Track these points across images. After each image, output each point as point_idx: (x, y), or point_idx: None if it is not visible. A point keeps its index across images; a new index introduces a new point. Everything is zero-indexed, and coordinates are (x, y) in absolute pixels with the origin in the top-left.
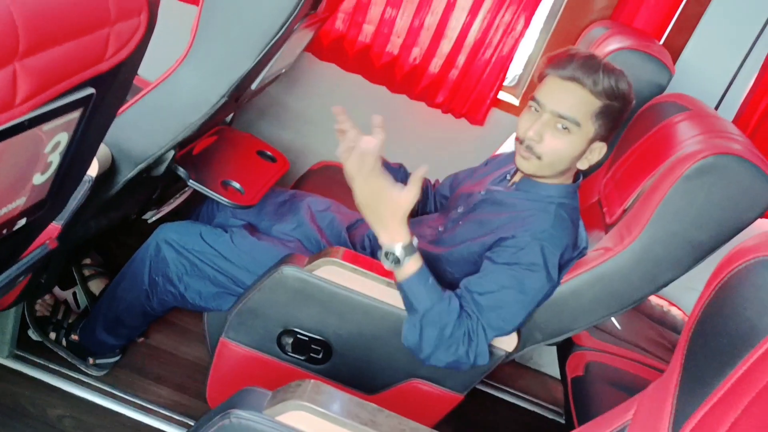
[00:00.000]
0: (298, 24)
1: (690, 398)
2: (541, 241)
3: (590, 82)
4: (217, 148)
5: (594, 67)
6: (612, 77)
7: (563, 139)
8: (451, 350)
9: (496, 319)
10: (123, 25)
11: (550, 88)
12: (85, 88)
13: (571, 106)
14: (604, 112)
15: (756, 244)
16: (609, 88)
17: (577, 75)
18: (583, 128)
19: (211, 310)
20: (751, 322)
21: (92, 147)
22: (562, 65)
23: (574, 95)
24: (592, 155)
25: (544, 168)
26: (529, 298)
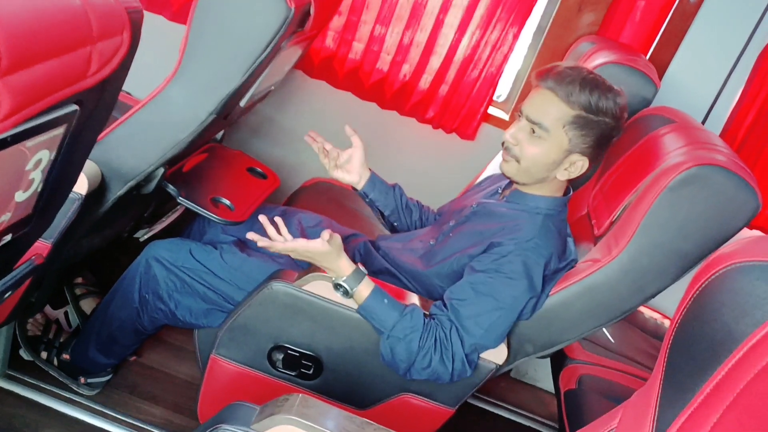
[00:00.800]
0: (286, 41)
1: (671, 404)
2: (525, 251)
3: (563, 92)
4: (208, 165)
5: (570, 78)
6: (594, 91)
7: (536, 145)
8: (425, 361)
9: (474, 327)
10: (105, 43)
11: (531, 98)
12: (69, 105)
13: (542, 113)
14: (578, 122)
15: (733, 251)
16: (585, 101)
17: (551, 85)
18: (553, 135)
19: (202, 327)
20: (728, 328)
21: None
22: (544, 76)
23: (547, 102)
24: (573, 168)
25: (522, 173)
26: (507, 307)
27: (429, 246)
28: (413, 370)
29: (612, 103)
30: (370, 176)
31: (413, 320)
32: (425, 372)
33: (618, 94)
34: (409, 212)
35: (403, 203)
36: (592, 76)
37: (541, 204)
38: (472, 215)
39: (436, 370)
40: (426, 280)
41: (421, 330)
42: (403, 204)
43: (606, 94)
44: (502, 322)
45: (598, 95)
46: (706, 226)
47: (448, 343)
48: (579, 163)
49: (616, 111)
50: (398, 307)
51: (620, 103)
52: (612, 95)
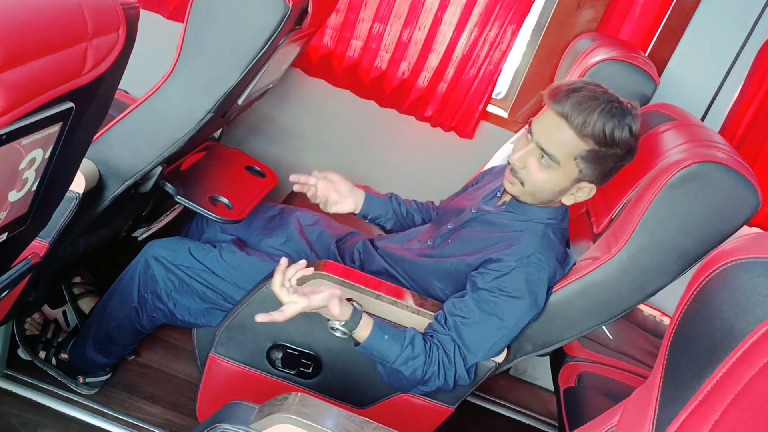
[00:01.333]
0: (283, 39)
1: (671, 402)
2: (527, 267)
3: (578, 123)
4: (206, 164)
5: (588, 108)
6: (610, 122)
7: (544, 173)
8: (429, 384)
9: (478, 349)
10: (101, 40)
11: (542, 120)
12: (64, 103)
13: (554, 144)
14: (591, 156)
15: (733, 248)
16: (600, 134)
17: (570, 113)
18: (564, 167)
19: (201, 326)
20: (729, 325)
21: (74, 162)
22: (558, 99)
23: (560, 133)
24: (580, 193)
25: (526, 194)
26: (510, 326)
27: (426, 247)
28: (415, 390)
29: (627, 133)
30: (365, 197)
31: (415, 350)
32: (428, 390)
33: (634, 117)
34: (411, 218)
35: (402, 212)
36: (609, 105)
37: (542, 215)
38: (471, 221)
39: (440, 387)
40: (424, 280)
41: (424, 359)
42: (403, 213)
43: (621, 124)
44: (505, 340)
45: (613, 127)
46: (706, 223)
47: (451, 365)
48: (586, 190)
49: (631, 141)
50: (399, 339)
51: (635, 130)
52: (628, 121)
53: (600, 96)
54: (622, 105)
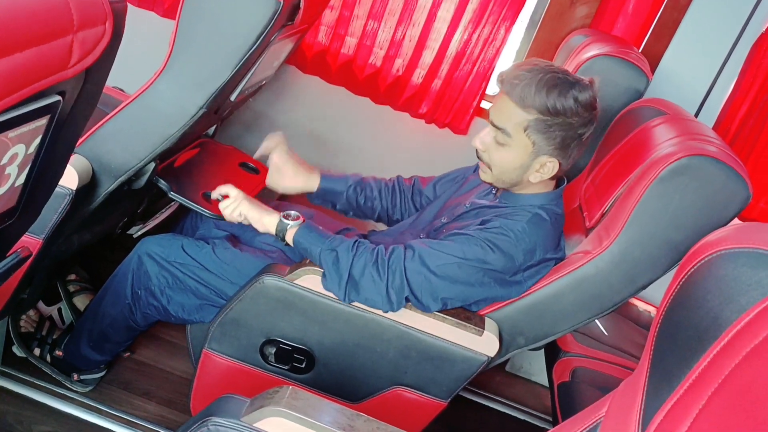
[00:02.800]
0: (275, 35)
1: (658, 392)
2: (510, 230)
3: (516, 96)
4: (199, 160)
5: (526, 80)
6: (551, 93)
7: (501, 150)
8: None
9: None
10: (87, 33)
11: (494, 101)
12: (51, 96)
13: (502, 118)
14: (538, 126)
15: (719, 238)
16: (540, 104)
17: (507, 89)
18: (516, 140)
19: (195, 322)
20: (714, 314)
21: (63, 156)
22: (501, 79)
23: (505, 107)
24: (544, 170)
25: (497, 179)
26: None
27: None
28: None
29: (572, 101)
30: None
31: (346, 239)
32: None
33: (583, 88)
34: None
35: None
36: (548, 76)
37: (534, 201)
38: (465, 214)
39: (371, 277)
40: None
41: (355, 241)
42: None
43: (565, 94)
44: (456, 270)
45: (555, 96)
46: (697, 216)
47: (387, 256)
48: (549, 165)
49: (579, 109)
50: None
51: (583, 99)
52: (574, 92)
53: (540, 69)
54: (568, 76)
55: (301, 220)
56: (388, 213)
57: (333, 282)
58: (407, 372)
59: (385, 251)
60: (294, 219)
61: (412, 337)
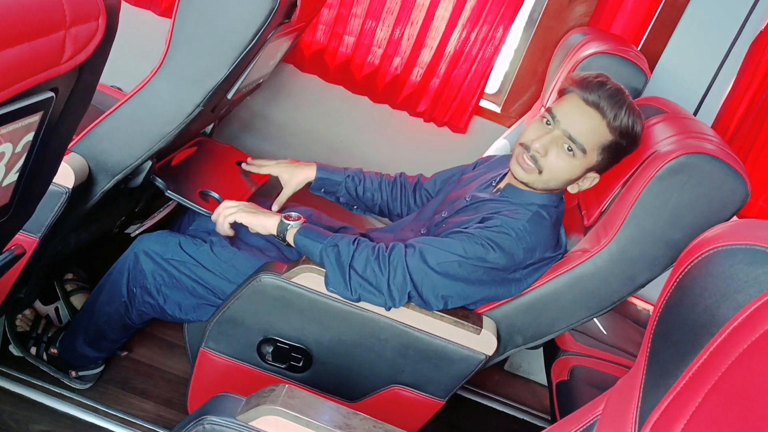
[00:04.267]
0: (272, 33)
1: (654, 389)
2: (510, 229)
3: (611, 115)
4: (197, 159)
5: (620, 102)
6: (632, 117)
7: (566, 161)
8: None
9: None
10: (80, 28)
11: (569, 107)
12: (44, 92)
13: (585, 133)
14: (612, 147)
15: (715, 235)
16: (626, 127)
17: (602, 104)
18: (588, 157)
19: (192, 321)
20: (710, 311)
21: (57, 153)
22: (590, 89)
23: (592, 123)
24: (584, 183)
25: (538, 182)
26: (469, 263)
27: (420, 236)
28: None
29: (640, 127)
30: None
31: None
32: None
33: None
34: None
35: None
36: (631, 102)
37: (537, 200)
38: (465, 208)
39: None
40: None
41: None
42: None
43: (640, 120)
44: (457, 269)
45: (634, 121)
46: (695, 214)
47: (387, 252)
48: (590, 179)
49: (640, 136)
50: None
51: (643, 125)
52: (641, 119)
53: (624, 92)
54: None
55: (301, 221)
56: (388, 206)
57: (336, 279)
58: (405, 371)
59: (385, 248)
60: (295, 219)
61: (409, 336)
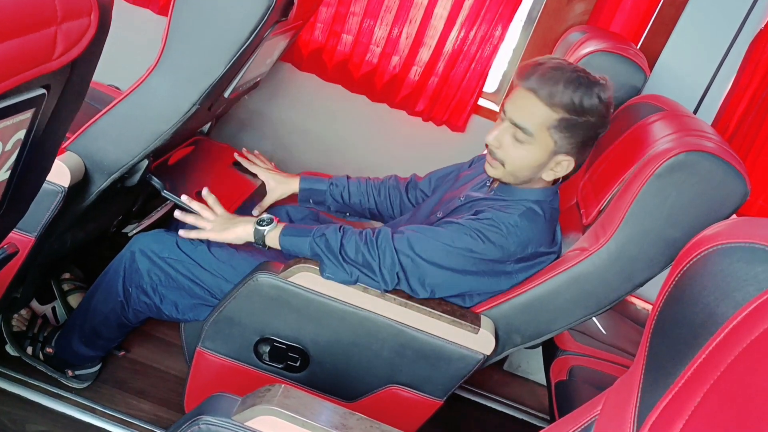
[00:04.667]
0: (269, 31)
1: (653, 389)
2: (502, 222)
3: (545, 94)
4: (194, 158)
5: (554, 79)
6: (578, 91)
7: (520, 148)
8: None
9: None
10: (71, 24)
11: (513, 97)
12: (36, 89)
13: (525, 117)
14: (563, 125)
15: (714, 233)
16: (568, 102)
17: (534, 86)
18: (537, 139)
19: (188, 321)
20: (709, 310)
21: (50, 151)
22: (525, 75)
23: (529, 106)
24: (558, 168)
25: (507, 175)
26: (457, 252)
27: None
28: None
29: (597, 100)
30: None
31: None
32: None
33: (603, 87)
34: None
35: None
36: (575, 75)
37: (530, 196)
38: (460, 208)
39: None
40: None
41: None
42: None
43: (590, 92)
44: (443, 256)
45: (581, 95)
46: (694, 213)
47: (374, 237)
48: (565, 163)
49: (602, 109)
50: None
51: (605, 98)
52: (597, 90)
53: (565, 67)
54: (588, 75)
55: (275, 222)
56: (378, 209)
57: (332, 265)
58: (402, 370)
59: (371, 232)
60: (268, 223)
61: (407, 336)
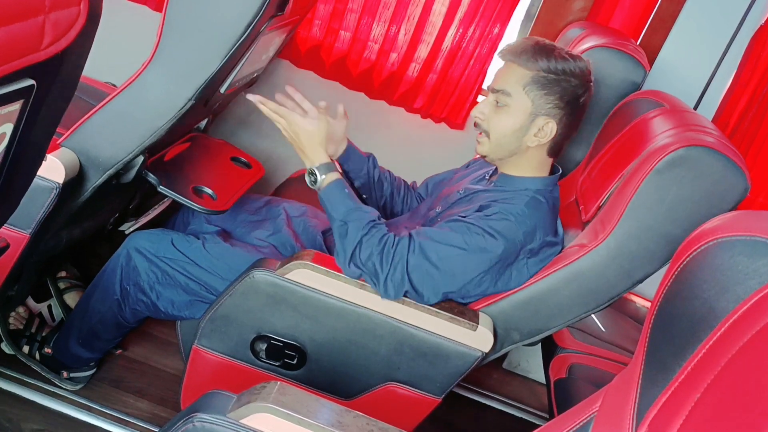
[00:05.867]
0: (264, 26)
1: (652, 385)
2: (509, 214)
3: (522, 60)
4: (190, 154)
5: (529, 46)
6: (551, 56)
7: (501, 113)
8: (365, 253)
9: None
10: (60, 13)
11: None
12: (24, 80)
13: (500, 80)
14: (538, 82)
15: (714, 227)
16: (542, 63)
17: (510, 54)
18: (515, 99)
19: (185, 318)
20: (709, 304)
21: (41, 144)
22: (504, 52)
23: (507, 69)
24: (542, 133)
25: (494, 148)
26: (470, 253)
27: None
28: (353, 262)
29: (570, 63)
30: (346, 147)
31: (366, 213)
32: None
33: (577, 58)
34: (380, 185)
35: (375, 176)
36: (549, 44)
37: (530, 185)
38: (459, 201)
39: (374, 267)
40: None
41: (370, 221)
42: (375, 177)
43: (562, 57)
44: (458, 263)
45: (554, 57)
46: (694, 208)
47: (393, 247)
48: (547, 127)
49: (576, 70)
50: (354, 198)
51: (579, 65)
52: (568, 57)
53: (538, 39)
54: (563, 49)
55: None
56: (394, 199)
57: (341, 257)
58: (400, 368)
59: (392, 242)
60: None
61: (405, 333)
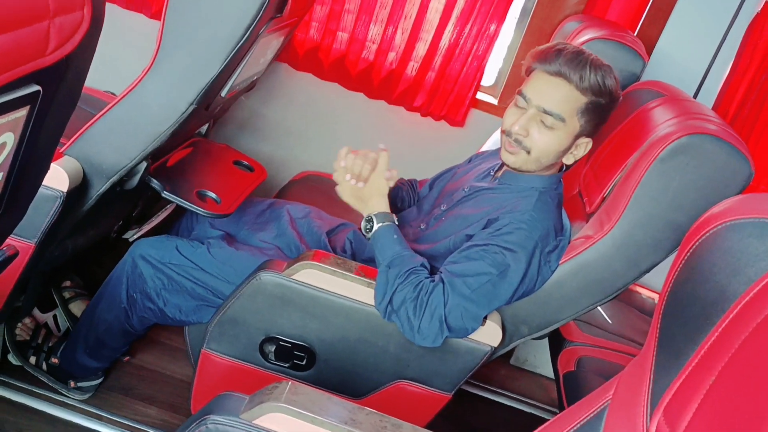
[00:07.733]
0: (264, 28)
1: (666, 371)
2: (521, 223)
3: (577, 78)
4: (193, 159)
5: (581, 63)
6: (599, 73)
7: (549, 135)
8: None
9: (462, 285)
10: (64, 18)
11: (536, 83)
12: (30, 86)
13: (557, 102)
14: (590, 108)
15: (724, 210)
16: (595, 85)
17: (564, 70)
18: (568, 124)
19: (193, 323)
20: (720, 287)
21: (47, 151)
22: (549, 60)
23: (560, 91)
24: (578, 150)
25: (530, 162)
26: (498, 274)
27: (420, 231)
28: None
29: (612, 80)
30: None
31: (410, 259)
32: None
33: (612, 68)
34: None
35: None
36: (593, 56)
37: (536, 183)
38: (464, 199)
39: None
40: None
41: (411, 268)
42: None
43: (608, 73)
44: (491, 289)
45: (603, 75)
46: (698, 196)
47: (427, 295)
48: (583, 145)
49: (618, 89)
50: (403, 242)
51: (618, 78)
52: (611, 71)
53: (584, 51)
54: (599, 59)
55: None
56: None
57: (377, 298)
58: (410, 365)
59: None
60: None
61: None
